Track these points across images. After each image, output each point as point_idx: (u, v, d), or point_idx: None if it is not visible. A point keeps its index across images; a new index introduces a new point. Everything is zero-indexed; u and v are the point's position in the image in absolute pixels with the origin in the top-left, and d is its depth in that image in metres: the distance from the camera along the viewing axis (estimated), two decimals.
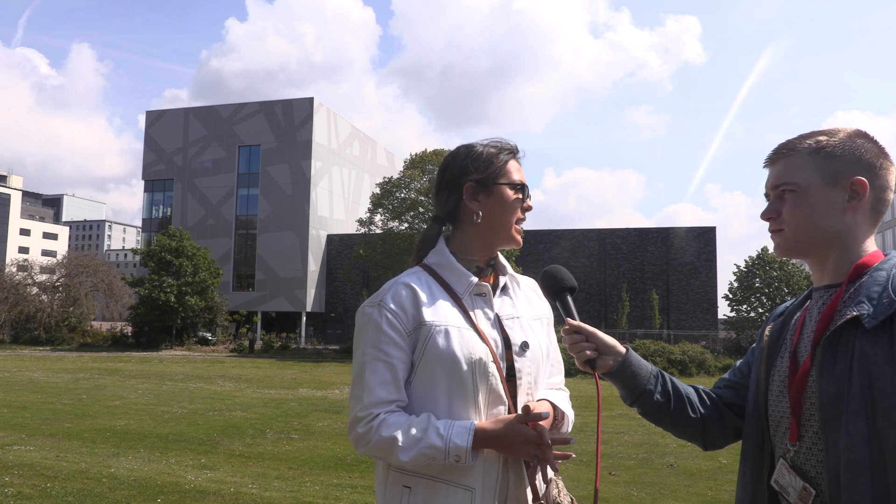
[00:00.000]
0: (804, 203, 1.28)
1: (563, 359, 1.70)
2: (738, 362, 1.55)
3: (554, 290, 1.54)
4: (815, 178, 1.28)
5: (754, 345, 1.48)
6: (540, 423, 1.39)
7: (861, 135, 1.30)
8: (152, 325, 38.38)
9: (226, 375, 21.56)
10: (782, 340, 1.36)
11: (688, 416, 1.45)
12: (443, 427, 1.36)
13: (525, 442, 1.37)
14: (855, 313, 1.17)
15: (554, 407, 1.52)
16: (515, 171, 1.57)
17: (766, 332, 1.42)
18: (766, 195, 1.37)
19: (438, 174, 1.62)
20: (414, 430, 1.36)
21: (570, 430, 1.58)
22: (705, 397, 1.50)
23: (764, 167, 1.38)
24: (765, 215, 1.35)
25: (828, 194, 1.27)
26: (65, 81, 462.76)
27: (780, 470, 1.26)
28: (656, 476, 7.50)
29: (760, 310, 38.05)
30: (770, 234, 1.36)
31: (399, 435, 1.36)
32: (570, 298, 1.52)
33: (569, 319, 1.47)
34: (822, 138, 1.30)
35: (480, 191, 1.55)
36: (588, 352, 1.42)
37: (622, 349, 1.44)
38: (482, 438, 1.36)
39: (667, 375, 1.48)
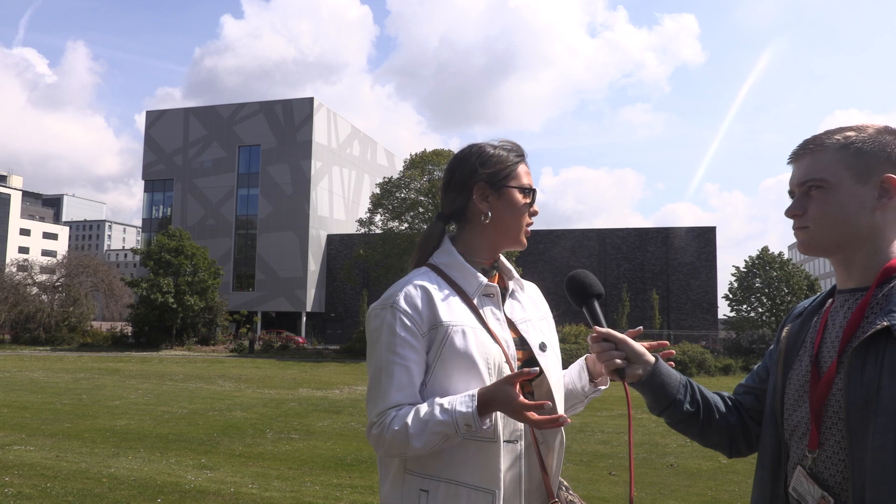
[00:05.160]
0: (832, 200, 1.23)
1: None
2: (756, 366, 1.52)
3: (581, 296, 1.50)
4: (844, 175, 1.23)
5: (772, 347, 1.45)
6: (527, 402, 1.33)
7: (890, 131, 1.25)
8: (152, 325, 38.34)
9: (226, 375, 21.56)
10: (801, 343, 1.33)
11: (715, 426, 1.42)
12: (447, 402, 1.36)
13: (511, 403, 1.32)
14: (885, 323, 1.13)
15: None
16: (525, 174, 1.58)
17: (784, 334, 1.38)
18: (791, 192, 1.31)
19: (447, 172, 1.61)
20: (422, 414, 1.35)
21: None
22: (731, 404, 1.47)
23: (788, 163, 1.33)
24: (790, 212, 1.29)
25: (857, 192, 1.22)
26: (60, 80, 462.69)
27: (797, 477, 1.23)
28: (656, 476, 7.50)
29: (760, 310, 38.05)
30: (794, 231, 1.30)
31: (409, 422, 1.35)
32: (597, 304, 1.48)
33: (597, 327, 1.43)
34: (850, 134, 1.25)
35: (491, 191, 1.54)
36: (618, 360, 1.38)
37: (651, 358, 1.41)
38: (485, 401, 1.34)
39: (695, 384, 1.45)
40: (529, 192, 1.56)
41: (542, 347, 1.52)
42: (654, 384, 1.39)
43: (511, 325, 1.53)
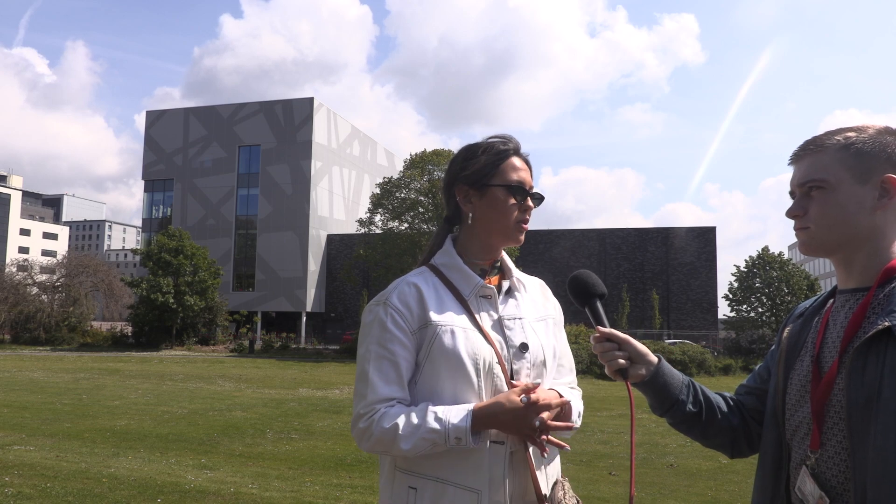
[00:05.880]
0: (833, 201, 1.24)
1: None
2: (758, 367, 1.52)
3: (583, 297, 1.49)
4: (844, 176, 1.23)
5: (773, 347, 1.45)
6: (539, 403, 1.37)
7: (891, 132, 1.25)
8: (152, 326, 38.36)
9: (226, 375, 21.56)
10: (802, 343, 1.33)
11: (717, 426, 1.43)
12: (441, 411, 1.36)
13: (518, 415, 1.35)
14: (887, 323, 1.13)
15: (560, 395, 1.49)
16: (513, 170, 1.53)
17: (785, 334, 1.38)
18: (792, 193, 1.32)
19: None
20: (414, 418, 1.36)
21: (578, 423, 1.55)
22: (733, 405, 1.47)
23: (789, 164, 1.34)
24: (790, 213, 1.30)
25: (857, 192, 1.22)
26: (59, 80, 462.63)
27: (802, 477, 1.23)
28: (656, 476, 7.50)
29: (760, 310, 38.05)
30: (795, 232, 1.31)
31: (399, 423, 1.35)
32: (599, 305, 1.48)
33: (599, 327, 1.43)
34: (850, 135, 1.25)
35: (474, 192, 1.53)
36: (620, 360, 1.38)
37: (654, 358, 1.41)
38: (480, 417, 1.35)
39: (697, 385, 1.45)
40: (516, 188, 1.51)
41: (522, 349, 1.48)
42: (656, 384, 1.40)
43: (500, 323, 1.51)
